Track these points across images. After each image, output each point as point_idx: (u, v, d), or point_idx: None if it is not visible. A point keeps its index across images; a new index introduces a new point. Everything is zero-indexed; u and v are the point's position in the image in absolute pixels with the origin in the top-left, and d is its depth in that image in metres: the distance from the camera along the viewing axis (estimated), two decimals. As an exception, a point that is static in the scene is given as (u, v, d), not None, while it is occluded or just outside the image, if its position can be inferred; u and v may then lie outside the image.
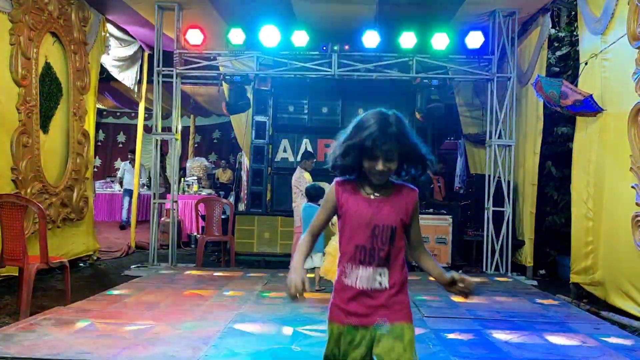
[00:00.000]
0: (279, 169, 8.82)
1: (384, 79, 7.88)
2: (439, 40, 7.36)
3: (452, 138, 12.24)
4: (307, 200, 5.91)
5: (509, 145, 7.36)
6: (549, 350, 3.80)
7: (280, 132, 8.96)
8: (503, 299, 5.51)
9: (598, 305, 5.34)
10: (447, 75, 7.84)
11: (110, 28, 7.83)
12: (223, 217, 8.03)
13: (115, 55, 8.15)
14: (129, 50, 8.44)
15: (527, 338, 4.07)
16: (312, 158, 7.46)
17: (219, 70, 8.12)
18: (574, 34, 7.33)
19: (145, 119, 9.43)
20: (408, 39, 7.32)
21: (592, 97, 5.41)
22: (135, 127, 9.68)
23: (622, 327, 4.62)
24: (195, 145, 15.07)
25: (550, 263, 7.53)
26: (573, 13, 7.59)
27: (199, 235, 8.29)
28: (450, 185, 10.98)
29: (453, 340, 3.98)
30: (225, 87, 8.37)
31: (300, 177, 7.21)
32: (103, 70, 7.96)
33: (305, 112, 8.98)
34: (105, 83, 9.12)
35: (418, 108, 8.26)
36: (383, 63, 7.58)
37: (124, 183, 11.01)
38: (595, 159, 5.66)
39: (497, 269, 7.24)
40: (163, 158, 9.33)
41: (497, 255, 7.25)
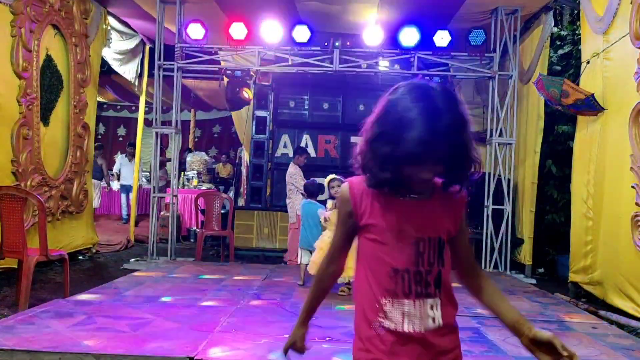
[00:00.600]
0: (279, 165, 8.82)
1: (385, 76, 7.87)
2: (441, 37, 7.34)
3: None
4: (306, 197, 5.91)
5: (510, 144, 7.35)
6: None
7: (281, 127, 8.96)
8: (501, 297, 5.52)
9: (596, 305, 5.35)
10: (448, 73, 7.83)
11: (112, 21, 7.82)
12: (223, 211, 8.03)
13: (117, 49, 8.14)
14: (130, 44, 8.43)
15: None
16: (304, 154, 7.48)
17: (220, 65, 8.11)
18: (576, 33, 7.32)
19: (146, 113, 9.42)
20: (410, 36, 7.30)
21: (593, 96, 5.41)
22: (136, 120, 9.68)
23: (620, 326, 4.63)
24: (196, 140, 15.07)
25: (549, 262, 7.54)
26: (575, 12, 7.59)
27: (199, 230, 8.30)
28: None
29: (451, 338, 3.98)
30: (227, 81, 8.37)
31: (295, 173, 7.23)
32: (104, 63, 7.94)
33: (306, 107, 8.97)
34: (106, 76, 9.11)
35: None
36: (384, 59, 7.57)
37: (121, 178, 10.52)
38: (596, 158, 5.66)
39: (496, 267, 7.25)
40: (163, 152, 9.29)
41: (496, 253, 7.26)
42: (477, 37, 7.32)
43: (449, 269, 1.39)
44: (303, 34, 7.30)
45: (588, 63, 5.85)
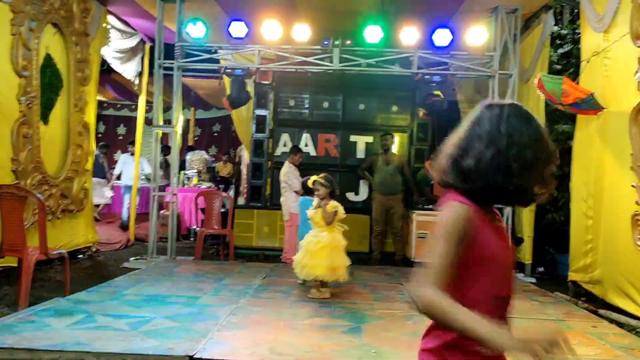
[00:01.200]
0: (279, 163, 8.77)
1: (386, 75, 7.86)
2: (441, 36, 7.33)
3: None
4: (301, 195, 5.93)
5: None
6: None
7: (281, 126, 8.95)
8: (501, 296, 5.52)
9: (596, 304, 5.34)
10: (448, 72, 7.81)
11: (112, 20, 7.81)
12: (222, 210, 8.03)
13: (117, 47, 8.13)
14: (130, 42, 8.42)
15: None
16: (299, 153, 7.50)
17: (220, 64, 8.10)
18: (577, 32, 7.31)
19: (146, 112, 9.41)
20: (410, 35, 7.29)
21: (593, 95, 5.40)
22: (136, 119, 9.67)
23: (620, 325, 4.63)
24: (196, 139, 15.06)
25: (549, 261, 7.54)
26: (576, 11, 7.57)
27: (198, 229, 8.30)
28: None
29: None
30: (227, 80, 8.35)
31: (289, 171, 7.24)
32: (104, 62, 7.94)
33: (306, 106, 8.96)
34: (106, 75, 9.10)
35: (419, 104, 8.24)
36: (384, 58, 7.55)
37: (123, 178, 9.97)
38: (596, 158, 5.66)
39: (495, 266, 7.24)
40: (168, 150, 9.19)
41: (496, 252, 7.25)
42: (477, 36, 7.32)
43: None
44: (303, 33, 7.29)
45: (588, 62, 5.85)
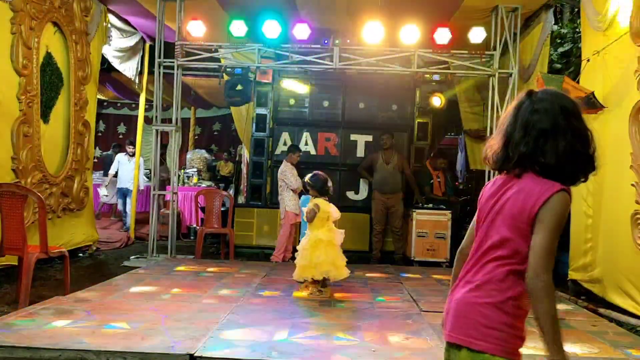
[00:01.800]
0: (279, 162, 8.76)
1: (386, 73, 7.86)
2: (441, 35, 7.32)
3: (452, 133, 12.24)
4: (303, 192, 5.94)
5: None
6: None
7: (281, 125, 8.96)
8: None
9: (596, 302, 5.35)
10: (448, 71, 7.81)
11: (112, 18, 7.81)
12: (223, 209, 8.04)
13: (117, 46, 8.13)
14: (130, 41, 8.42)
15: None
16: (297, 152, 7.51)
17: (220, 62, 8.10)
18: (577, 31, 7.32)
19: (146, 110, 9.41)
20: (410, 34, 7.29)
21: (593, 94, 5.40)
22: (136, 118, 9.67)
23: (619, 324, 4.64)
24: (196, 137, 15.05)
25: (549, 260, 7.53)
26: (576, 10, 7.58)
27: (199, 227, 8.31)
28: (451, 181, 10.99)
29: (450, 335, 3.99)
30: (227, 79, 8.35)
31: (286, 170, 7.25)
32: (104, 61, 7.94)
33: (306, 105, 8.96)
34: (106, 74, 9.09)
35: (419, 103, 8.25)
36: (384, 57, 7.55)
37: (120, 180, 9.45)
38: (596, 156, 5.65)
39: (495, 265, 7.24)
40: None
41: (495, 251, 7.25)
42: (477, 35, 7.32)
43: None
44: (303, 32, 7.29)
45: (588, 61, 5.85)
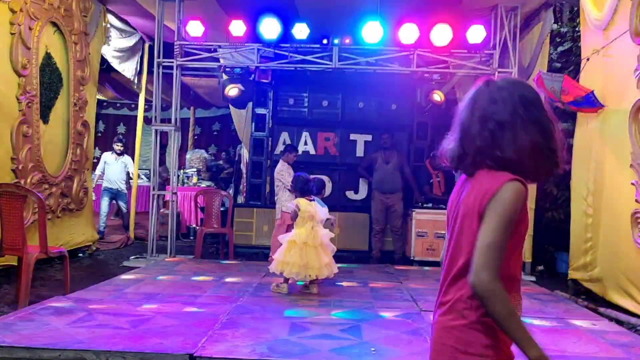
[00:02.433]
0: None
1: (385, 73, 7.85)
2: (441, 35, 7.31)
3: (452, 133, 12.21)
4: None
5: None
6: (546, 346, 3.79)
7: (280, 125, 8.94)
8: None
9: (596, 302, 5.35)
10: (448, 70, 7.80)
11: (111, 19, 7.80)
12: (222, 209, 8.03)
13: (116, 46, 8.12)
14: (130, 41, 8.41)
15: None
16: (294, 151, 7.51)
17: (220, 62, 8.09)
18: (576, 30, 7.31)
19: (145, 111, 9.41)
20: (409, 33, 7.28)
21: (593, 93, 5.40)
22: (136, 118, 9.66)
23: (619, 323, 4.64)
24: (195, 137, 15.06)
25: (549, 259, 7.54)
26: (575, 8, 7.56)
27: (198, 227, 8.30)
28: (450, 180, 10.98)
29: (450, 334, 3.99)
30: (226, 79, 8.35)
31: (282, 169, 7.24)
32: (103, 61, 7.93)
33: (305, 105, 8.95)
34: (106, 74, 9.09)
35: (418, 102, 8.24)
36: (384, 57, 7.54)
37: (107, 180, 8.89)
38: (596, 156, 5.66)
39: (495, 264, 7.24)
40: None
41: (495, 251, 7.24)
42: (476, 34, 7.31)
43: None
44: (302, 31, 7.28)
45: (588, 60, 5.85)
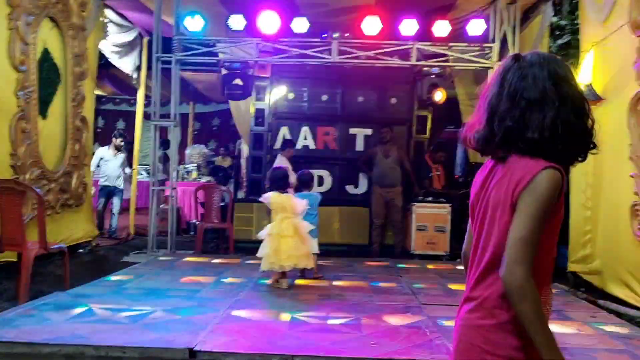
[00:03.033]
0: (279, 157, 8.80)
1: (384, 67, 7.83)
2: (440, 28, 7.29)
3: (452, 126, 12.20)
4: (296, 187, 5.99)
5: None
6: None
7: (280, 119, 8.93)
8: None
9: (595, 294, 5.35)
10: (447, 64, 7.78)
11: (109, 13, 7.77)
12: (222, 204, 8.04)
13: (114, 41, 8.10)
14: (128, 36, 8.39)
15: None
16: (292, 146, 7.50)
17: (219, 57, 8.07)
18: (575, 22, 7.26)
19: (145, 106, 9.38)
20: (409, 27, 7.25)
21: (591, 85, 5.39)
22: (135, 113, 9.64)
23: (618, 315, 4.64)
24: (195, 133, 15.04)
25: (548, 252, 7.53)
26: (575, 1, 7.52)
27: (198, 223, 8.30)
28: (450, 174, 10.98)
29: (450, 327, 3.99)
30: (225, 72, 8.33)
31: (282, 164, 7.25)
32: (102, 57, 7.91)
33: (305, 99, 8.94)
34: (104, 69, 9.06)
35: (418, 96, 8.23)
36: (383, 50, 7.52)
37: (105, 177, 8.56)
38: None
39: (495, 258, 7.24)
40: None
41: (495, 244, 7.25)
42: (476, 27, 7.28)
43: None
44: (301, 25, 7.26)
45: (587, 52, 5.83)
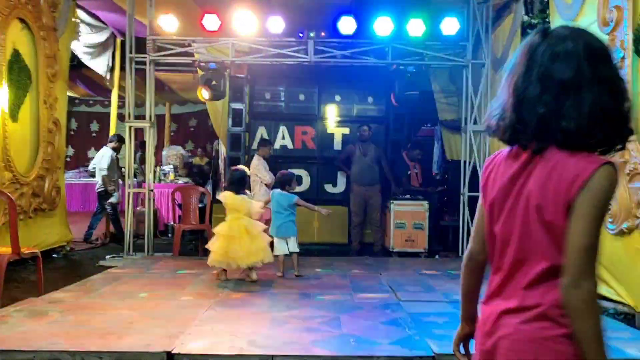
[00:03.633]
0: (257, 157, 8.76)
1: (361, 66, 7.86)
2: (415, 27, 7.33)
3: (429, 124, 12.29)
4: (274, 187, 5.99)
5: (484, 131, 7.42)
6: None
7: (257, 119, 8.89)
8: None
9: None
10: (422, 62, 7.83)
11: (81, 14, 7.66)
12: (200, 205, 7.97)
13: (87, 42, 7.99)
14: (101, 37, 8.27)
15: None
16: (268, 145, 7.51)
17: (194, 57, 8.00)
18: (547, 21, 7.40)
19: (120, 107, 9.26)
20: (384, 26, 7.28)
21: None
22: (109, 115, 9.52)
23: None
24: (172, 134, 14.90)
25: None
26: (546, 0, 7.66)
27: (176, 225, 8.22)
28: (427, 172, 11.05)
29: (429, 323, 4.04)
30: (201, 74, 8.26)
31: (258, 164, 7.23)
32: (74, 57, 7.78)
33: (282, 99, 8.92)
34: (77, 70, 8.92)
35: (395, 94, 8.27)
36: (359, 50, 7.55)
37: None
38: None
39: (472, 254, 7.32)
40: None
41: (473, 240, 7.33)
42: (450, 26, 7.35)
43: None
44: (277, 25, 7.24)
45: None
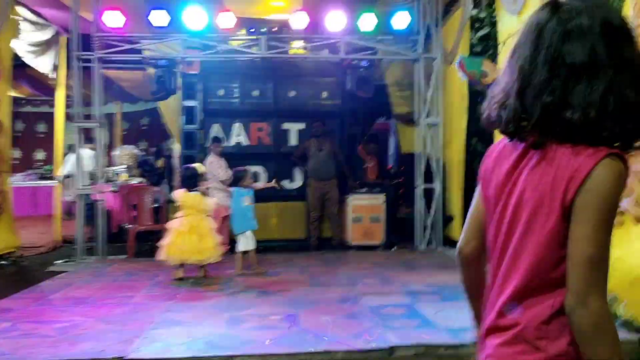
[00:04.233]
0: (212, 155, 8.63)
1: (315, 61, 7.86)
2: (367, 21, 7.38)
3: (383, 118, 12.42)
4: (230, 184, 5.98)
5: (436, 124, 7.56)
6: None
7: (212, 116, 8.74)
8: (434, 273, 5.69)
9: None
10: (375, 56, 7.91)
11: (22, 11, 7.31)
12: (155, 205, 7.80)
13: (29, 40, 7.64)
14: (45, 35, 7.94)
15: (456, 309, 4.21)
16: (219, 142, 7.54)
17: (143, 54, 7.81)
18: (494, 15, 7.58)
19: (68, 107, 8.94)
20: (336, 21, 7.30)
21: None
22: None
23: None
24: (124, 133, 14.51)
25: (481, 235, 7.84)
26: (493, -6, 7.84)
27: (130, 226, 8.02)
28: (383, 165, 11.18)
29: (387, 315, 4.09)
30: (152, 71, 8.07)
31: (213, 161, 7.18)
32: (18, 57, 7.45)
33: (236, 95, 8.81)
34: (21, 69, 8.54)
35: (349, 89, 8.32)
36: (312, 44, 7.55)
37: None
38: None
39: (429, 244, 7.47)
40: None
41: (429, 231, 7.47)
42: (401, 20, 7.43)
43: None
44: (228, 20, 7.14)
45: (504, 44, 6.08)
